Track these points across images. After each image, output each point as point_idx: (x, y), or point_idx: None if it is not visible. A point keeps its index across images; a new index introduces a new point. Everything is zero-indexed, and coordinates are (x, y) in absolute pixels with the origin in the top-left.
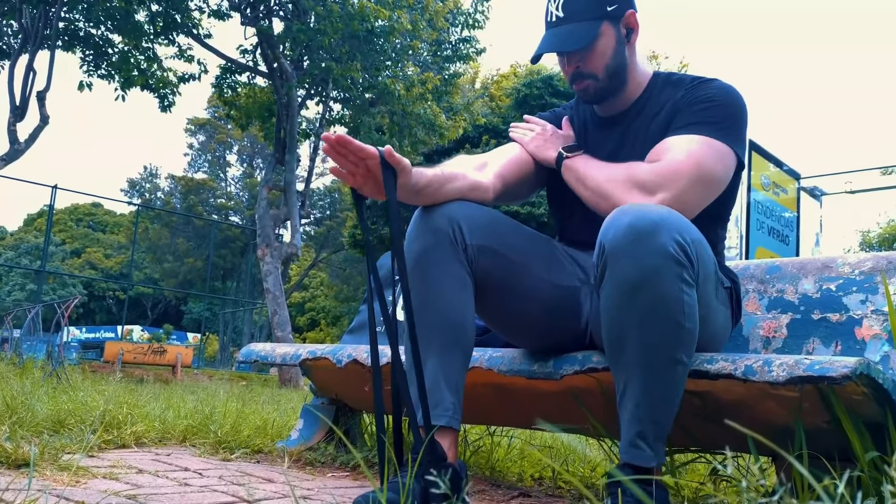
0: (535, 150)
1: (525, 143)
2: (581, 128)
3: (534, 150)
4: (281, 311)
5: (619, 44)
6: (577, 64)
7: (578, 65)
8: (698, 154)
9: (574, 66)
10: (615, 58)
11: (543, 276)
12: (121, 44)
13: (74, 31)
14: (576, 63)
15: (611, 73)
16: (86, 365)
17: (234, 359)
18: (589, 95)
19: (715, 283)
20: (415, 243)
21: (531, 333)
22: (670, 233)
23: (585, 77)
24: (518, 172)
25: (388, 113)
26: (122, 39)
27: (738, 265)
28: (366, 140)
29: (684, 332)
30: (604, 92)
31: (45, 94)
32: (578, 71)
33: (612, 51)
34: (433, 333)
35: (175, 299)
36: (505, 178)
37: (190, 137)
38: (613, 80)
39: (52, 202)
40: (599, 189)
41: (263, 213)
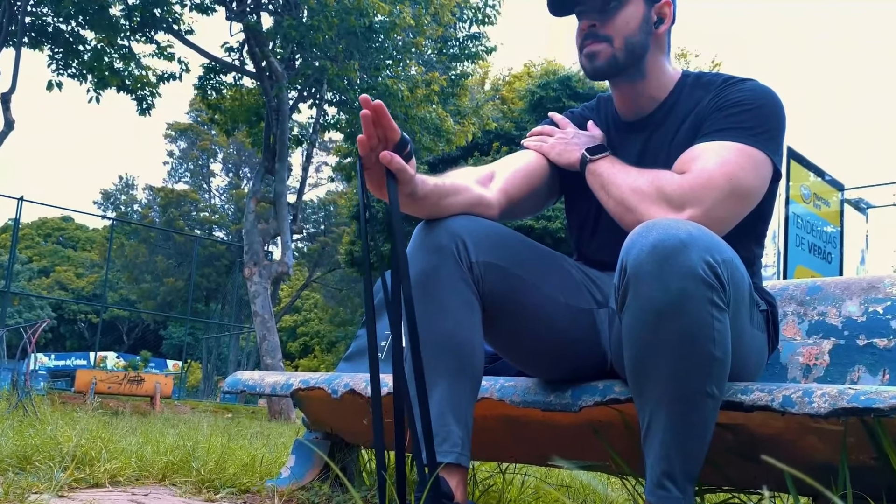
0: (558, 156)
1: (545, 150)
2: (603, 131)
3: (556, 156)
4: (270, 336)
5: (646, 24)
6: (594, 22)
7: (595, 23)
8: (731, 163)
9: (591, 22)
10: (636, 35)
11: (558, 298)
12: (94, 40)
13: (42, 27)
14: (594, 20)
15: (628, 48)
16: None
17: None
18: (596, 63)
19: (749, 306)
20: (416, 262)
21: (545, 361)
22: (699, 252)
23: (599, 38)
24: (527, 185)
25: None
26: (95, 36)
27: (776, 286)
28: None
29: (715, 362)
30: (615, 63)
31: (10, 96)
32: (594, 30)
33: (636, 25)
34: (438, 361)
35: (153, 323)
36: (511, 193)
37: (170, 144)
38: (628, 58)
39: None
40: (623, 199)
41: (251, 227)
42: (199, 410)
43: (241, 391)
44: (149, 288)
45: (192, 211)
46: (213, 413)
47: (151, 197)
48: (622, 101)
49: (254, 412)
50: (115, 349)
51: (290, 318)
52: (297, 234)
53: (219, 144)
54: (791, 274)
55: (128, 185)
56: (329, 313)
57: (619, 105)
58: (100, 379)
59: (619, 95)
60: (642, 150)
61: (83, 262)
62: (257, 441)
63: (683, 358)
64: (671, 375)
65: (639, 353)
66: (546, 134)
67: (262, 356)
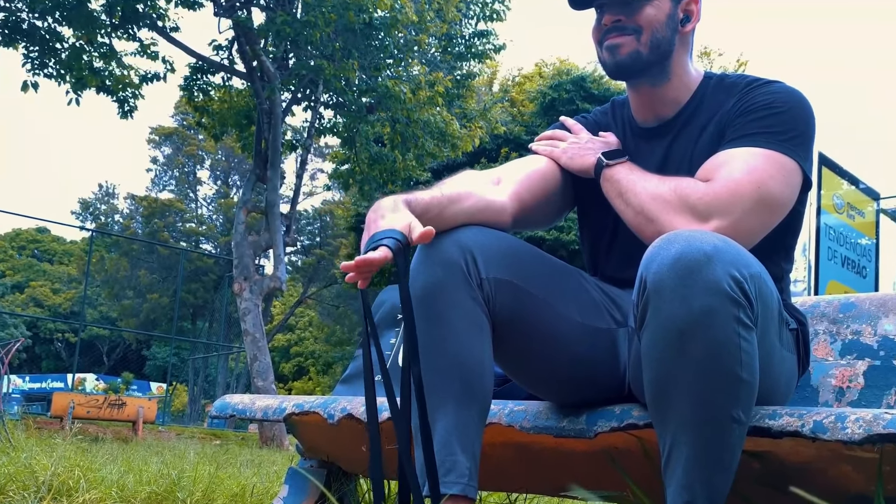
0: (570, 161)
1: (557, 155)
2: (619, 138)
3: (568, 161)
4: (262, 356)
5: (672, 20)
6: (619, 16)
7: (621, 17)
8: (759, 171)
9: (615, 17)
10: (663, 30)
11: (573, 317)
12: (72, 38)
13: (17, 23)
14: (618, 14)
15: (654, 43)
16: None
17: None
18: (618, 58)
19: (778, 324)
20: (420, 277)
21: (559, 384)
22: (725, 266)
23: (626, 31)
24: (541, 190)
25: (389, 120)
26: (73, 33)
27: (806, 302)
28: (362, 152)
29: (742, 385)
30: (639, 59)
31: None
32: (619, 24)
33: (663, 20)
34: (444, 384)
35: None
36: (525, 198)
37: (153, 150)
38: (653, 54)
39: None
40: (643, 209)
41: (241, 240)
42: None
43: (230, 416)
44: (131, 305)
45: (178, 222)
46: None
47: (133, 207)
48: (641, 106)
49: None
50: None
51: (282, 338)
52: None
53: (206, 150)
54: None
55: (108, 194)
56: (325, 332)
57: (636, 109)
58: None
59: (638, 99)
60: (663, 157)
61: (60, 277)
62: (248, 470)
63: (707, 380)
64: (694, 399)
65: (659, 375)
66: (557, 139)
67: (252, 378)
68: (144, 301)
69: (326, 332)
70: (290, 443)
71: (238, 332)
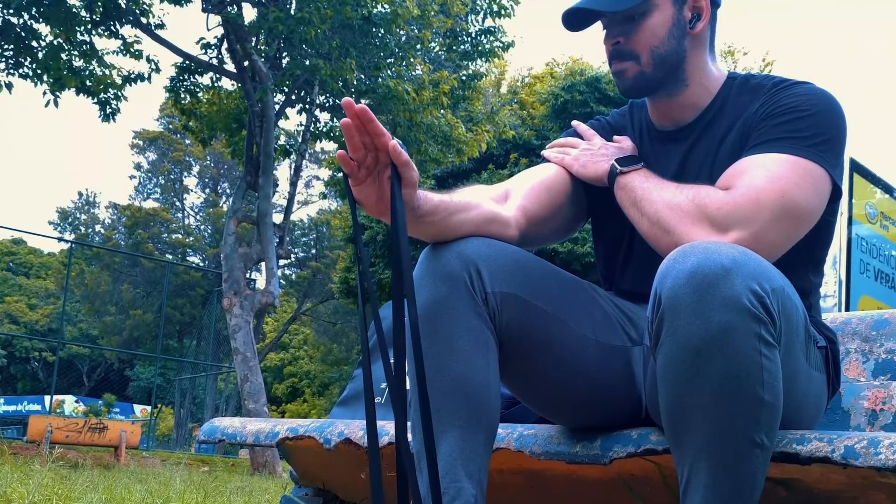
0: (582, 168)
1: (568, 163)
2: (636, 142)
3: (580, 169)
4: (253, 376)
5: (677, 27)
6: (617, 38)
7: (619, 39)
8: (783, 178)
9: (614, 39)
10: (667, 43)
11: (586, 335)
12: (49, 35)
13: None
14: (616, 37)
15: (657, 61)
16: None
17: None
18: (626, 83)
19: (805, 342)
20: (423, 292)
21: (571, 406)
22: (745, 279)
23: (625, 57)
24: (550, 203)
25: (390, 123)
26: (51, 30)
27: (837, 319)
28: None
29: (764, 407)
30: (646, 82)
31: None
32: (618, 48)
33: (664, 32)
34: (448, 407)
35: (118, 362)
36: (532, 212)
37: (137, 156)
38: (660, 71)
39: None
40: (659, 218)
41: (231, 251)
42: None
43: (219, 440)
44: (113, 321)
45: (163, 232)
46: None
47: (116, 216)
48: (658, 112)
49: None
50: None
51: (275, 357)
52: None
53: (194, 156)
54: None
55: (88, 203)
56: (321, 351)
57: (654, 114)
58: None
59: (655, 107)
60: (681, 163)
61: (37, 292)
62: (238, 498)
63: (727, 402)
64: (713, 422)
65: (676, 396)
66: (569, 146)
67: (243, 400)
68: (127, 317)
69: (322, 351)
70: (283, 469)
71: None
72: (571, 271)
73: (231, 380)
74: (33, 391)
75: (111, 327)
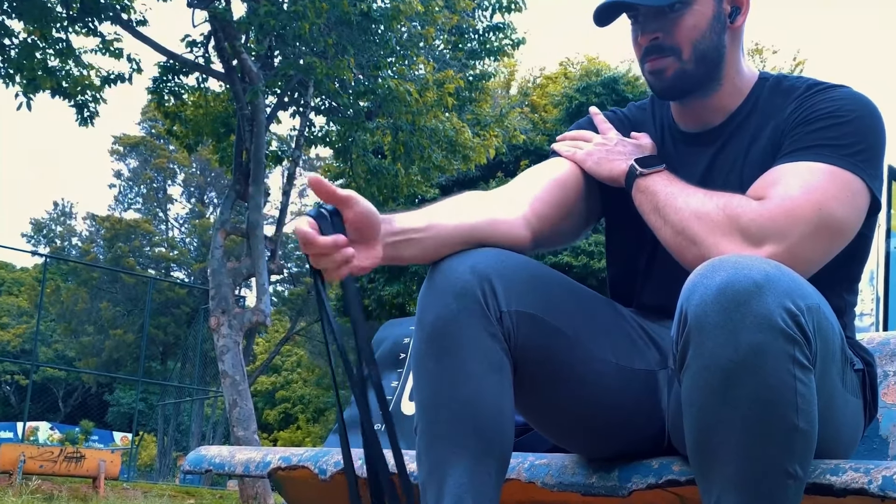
0: (596, 165)
1: (580, 159)
2: (657, 142)
3: (593, 166)
4: (243, 401)
5: (718, 21)
6: (655, 34)
7: (657, 35)
8: (819, 190)
9: (652, 35)
10: (708, 37)
11: (607, 356)
12: (23, 32)
13: None
14: (654, 33)
15: (699, 56)
16: None
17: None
18: (664, 81)
19: (841, 364)
20: (430, 309)
21: (589, 434)
22: (778, 297)
23: (665, 52)
24: (562, 201)
25: (390, 128)
26: (24, 27)
27: (874, 339)
28: (359, 165)
29: (798, 434)
30: (686, 79)
31: None
32: (657, 43)
33: (705, 26)
34: (456, 433)
35: (97, 386)
36: (543, 211)
37: (117, 162)
38: (700, 68)
39: None
40: (685, 227)
41: (218, 266)
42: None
43: (206, 471)
44: (91, 342)
45: (145, 246)
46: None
47: (94, 228)
48: (684, 114)
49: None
50: (49, 418)
51: (267, 380)
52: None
53: (178, 163)
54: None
55: (64, 214)
56: (316, 374)
57: (678, 115)
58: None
59: (683, 108)
60: (707, 168)
61: (9, 310)
62: None
63: (758, 429)
64: (742, 451)
65: (702, 423)
66: (581, 139)
67: (231, 427)
68: (107, 338)
69: (318, 374)
70: (275, 502)
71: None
72: (587, 287)
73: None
74: (5, 417)
75: (89, 348)
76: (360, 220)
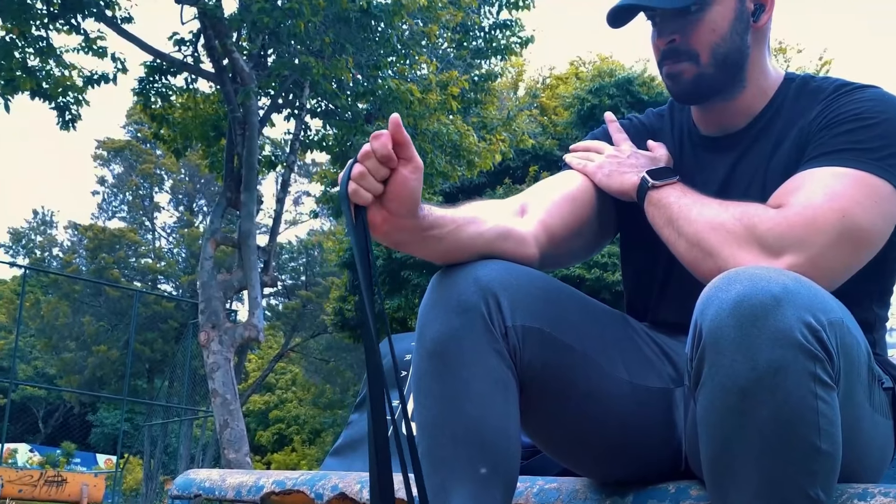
0: (606, 178)
1: (591, 171)
2: (675, 149)
3: (604, 179)
4: (234, 422)
5: (740, 21)
6: (672, 37)
7: (675, 38)
8: (844, 196)
9: (669, 38)
10: (729, 39)
11: (620, 375)
12: (0, 31)
13: None
14: (671, 35)
15: (719, 60)
16: None
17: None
18: (682, 86)
19: (868, 382)
20: (433, 325)
21: (601, 456)
22: (798, 311)
23: (682, 57)
24: (573, 217)
25: None
26: (2, 24)
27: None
28: None
29: (820, 457)
30: (705, 84)
31: None
32: (674, 47)
33: (726, 27)
34: (460, 456)
35: (79, 406)
36: (553, 227)
37: (101, 168)
38: (721, 72)
39: None
40: (699, 239)
41: (208, 279)
42: None
43: (195, 496)
44: (73, 359)
45: (131, 257)
46: None
47: (76, 238)
48: (705, 118)
49: None
50: (28, 440)
51: (260, 399)
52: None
53: (166, 168)
54: None
55: (45, 223)
56: (312, 392)
57: (699, 119)
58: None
59: (703, 112)
60: (728, 175)
61: None
62: None
63: (778, 452)
64: (761, 475)
65: (718, 445)
66: (593, 150)
67: (222, 449)
68: (89, 354)
69: (314, 393)
70: None
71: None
72: (600, 300)
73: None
74: None
75: (71, 365)
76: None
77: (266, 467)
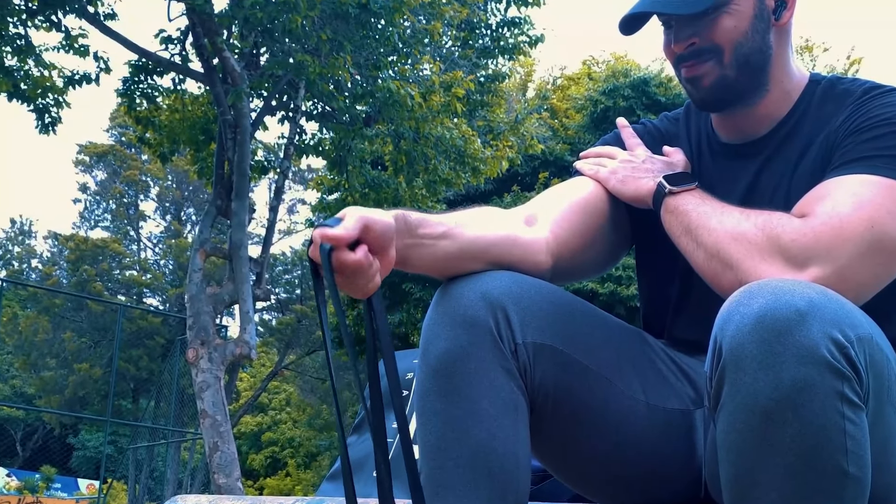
0: (620, 184)
1: (604, 177)
2: (693, 156)
3: (618, 185)
4: (225, 445)
5: (761, 20)
6: (692, 40)
7: (694, 40)
8: (872, 205)
9: (687, 42)
10: (750, 39)
11: (636, 394)
12: None
13: None
14: (690, 38)
15: (741, 61)
16: None
17: None
18: (703, 91)
19: None
20: (437, 341)
21: (615, 482)
22: (823, 326)
23: (704, 56)
24: (587, 227)
25: (391, 135)
26: None
27: None
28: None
29: (849, 481)
30: (728, 88)
31: None
32: (695, 48)
33: (746, 25)
34: (466, 480)
35: (60, 427)
36: (564, 238)
37: (83, 174)
38: (743, 75)
39: None
40: (719, 250)
41: (197, 292)
42: None
43: None
44: (53, 377)
45: (115, 269)
46: None
47: (56, 249)
48: (726, 123)
49: None
50: (5, 464)
51: (252, 420)
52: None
53: (152, 175)
54: None
55: (23, 233)
56: (307, 413)
57: (718, 125)
58: None
59: (724, 119)
60: (751, 184)
61: None
62: None
63: (803, 476)
64: (786, 500)
65: (740, 469)
66: (605, 156)
67: (212, 473)
68: (71, 373)
69: (309, 414)
70: None
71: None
72: (614, 316)
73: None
74: None
75: (51, 384)
76: (378, 239)
77: (258, 493)
